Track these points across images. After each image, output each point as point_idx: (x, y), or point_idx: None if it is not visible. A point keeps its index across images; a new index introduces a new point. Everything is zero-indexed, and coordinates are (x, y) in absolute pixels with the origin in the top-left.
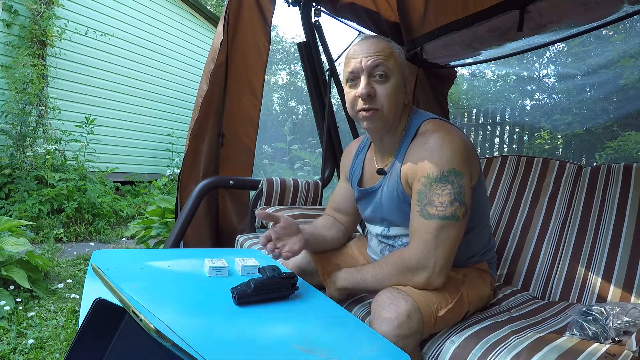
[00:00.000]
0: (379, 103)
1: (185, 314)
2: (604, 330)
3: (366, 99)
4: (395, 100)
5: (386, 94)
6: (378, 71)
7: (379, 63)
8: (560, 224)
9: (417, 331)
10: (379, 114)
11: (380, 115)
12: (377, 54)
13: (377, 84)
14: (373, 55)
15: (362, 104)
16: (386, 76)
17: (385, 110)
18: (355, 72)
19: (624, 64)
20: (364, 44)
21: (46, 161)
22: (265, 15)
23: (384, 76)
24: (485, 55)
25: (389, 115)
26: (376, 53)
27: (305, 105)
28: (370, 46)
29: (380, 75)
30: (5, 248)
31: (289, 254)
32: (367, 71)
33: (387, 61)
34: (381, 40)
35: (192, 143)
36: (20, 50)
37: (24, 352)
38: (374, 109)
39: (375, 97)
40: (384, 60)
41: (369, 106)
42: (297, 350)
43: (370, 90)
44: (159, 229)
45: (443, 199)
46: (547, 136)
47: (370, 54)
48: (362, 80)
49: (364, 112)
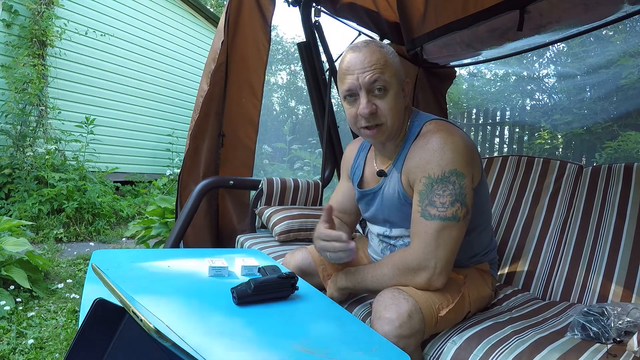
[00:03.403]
0: (382, 118)
1: (185, 314)
2: (605, 331)
3: (369, 117)
4: (398, 111)
5: (388, 108)
6: (376, 86)
7: (377, 78)
8: (561, 224)
9: (419, 331)
10: (383, 128)
11: (385, 129)
12: (372, 67)
13: (377, 99)
14: (369, 70)
15: (364, 122)
16: (385, 89)
17: (389, 123)
18: (352, 89)
19: (624, 64)
20: (357, 57)
21: (46, 161)
22: (265, 15)
23: (382, 89)
24: (485, 55)
25: (393, 126)
26: (372, 66)
27: (305, 105)
28: (364, 59)
29: (379, 89)
30: (5, 248)
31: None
32: (365, 88)
33: (384, 73)
34: (374, 50)
35: (192, 143)
36: (20, 50)
37: (24, 352)
38: (378, 125)
39: (377, 113)
40: (380, 73)
41: (373, 123)
42: (297, 350)
43: (372, 108)
44: (159, 229)
45: (444, 199)
46: (547, 136)
47: (365, 68)
48: (361, 98)
49: (367, 130)
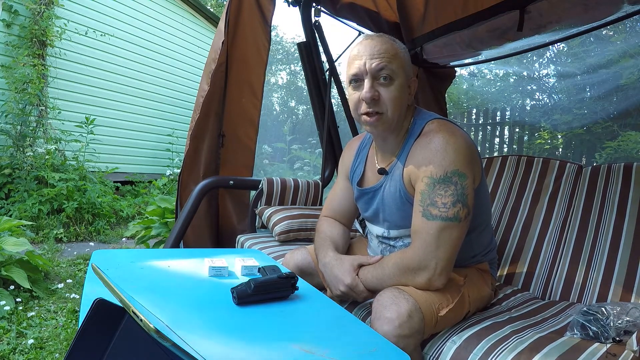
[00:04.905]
0: (383, 106)
1: (185, 314)
2: (605, 330)
3: (370, 102)
4: (400, 103)
5: (391, 97)
6: (382, 74)
7: (383, 66)
8: (561, 223)
9: (418, 331)
10: (383, 117)
11: (385, 119)
12: (381, 55)
13: (381, 87)
14: (377, 57)
15: (365, 107)
16: (390, 78)
17: (389, 114)
18: (359, 74)
19: (624, 64)
20: (367, 44)
21: (46, 161)
22: (265, 15)
23: (388, 78)
24: (485, 55)
25: (393, 118)
26: (380, 55)
27: (305, 105)
28: (374, 47)
29: (385, 78)
30: (5, 248)
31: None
32: (371, 74)
33: (392, 63)
34: (386, 41)
35: (192, 143)
36: (20, 50)
37: (24, 352)
38: (378, 113)
39: (379, 100)
40: (388, 62)
41: (373, 109)
42: (297, 350)
43: (374, 93)
44: (159, 229)
45: (446, 200)
46: (547, 136)
47: (374, 55)
48: (366, 83)
49: (367, 117)
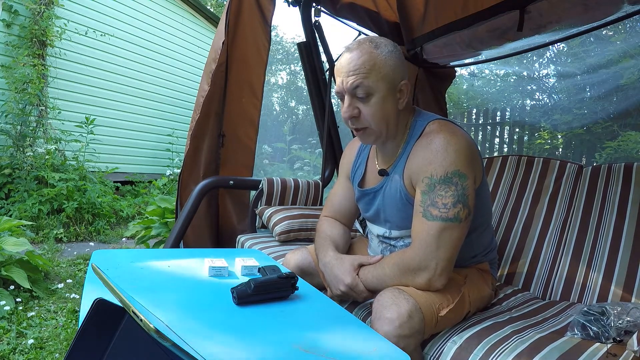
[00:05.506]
0: (365, 122)
1: (185, 314)
2: (605, 330)
3: (351, 120)
4: (383, 115)
5: (370, 113)
6: (358, 92)
7: (359, 83)
8: (561, 223)
9: (419, 331)
10: (369, 131)
11: (371, 132)
12: (357, 71)
13: (361, 103)
14: (353, 75)
15: (350, 123)
16: (368, 94)
17: (373, 127)
18: (340, 92)
19: (624, 64)
20: (345, 59)
21: (46, 161)
22: (265, 15)
23: (365, 94)
24: (485, 55)
25: (380, 130)
26: (356, 70)
27: (305, 105)
28: (350, 62)
29: (362, 94)
30: (5, 248)
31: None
32: (348, 92)
33: (367, 78)
34: (364, 52)
35: (192, 143)
36: (20, 50)
37: (24, 352)
38: (363, 128)
39: (359, 117)
40: (363, 78)
41: (356, 126)
42: (297, 350)
43: (352, 112)
44: (159, 229)
45: (446, 200)
46: (547, 136)
47: (350, 72)
48: (345, 101)
49: (355, 132)
